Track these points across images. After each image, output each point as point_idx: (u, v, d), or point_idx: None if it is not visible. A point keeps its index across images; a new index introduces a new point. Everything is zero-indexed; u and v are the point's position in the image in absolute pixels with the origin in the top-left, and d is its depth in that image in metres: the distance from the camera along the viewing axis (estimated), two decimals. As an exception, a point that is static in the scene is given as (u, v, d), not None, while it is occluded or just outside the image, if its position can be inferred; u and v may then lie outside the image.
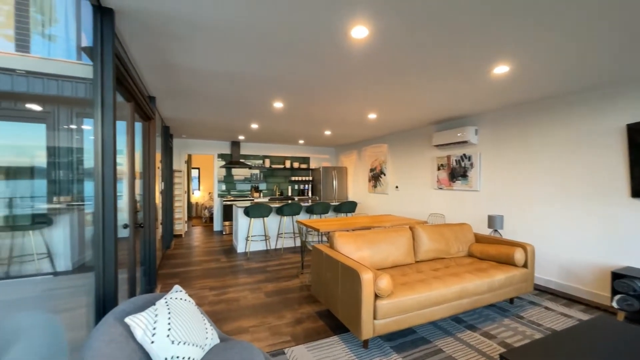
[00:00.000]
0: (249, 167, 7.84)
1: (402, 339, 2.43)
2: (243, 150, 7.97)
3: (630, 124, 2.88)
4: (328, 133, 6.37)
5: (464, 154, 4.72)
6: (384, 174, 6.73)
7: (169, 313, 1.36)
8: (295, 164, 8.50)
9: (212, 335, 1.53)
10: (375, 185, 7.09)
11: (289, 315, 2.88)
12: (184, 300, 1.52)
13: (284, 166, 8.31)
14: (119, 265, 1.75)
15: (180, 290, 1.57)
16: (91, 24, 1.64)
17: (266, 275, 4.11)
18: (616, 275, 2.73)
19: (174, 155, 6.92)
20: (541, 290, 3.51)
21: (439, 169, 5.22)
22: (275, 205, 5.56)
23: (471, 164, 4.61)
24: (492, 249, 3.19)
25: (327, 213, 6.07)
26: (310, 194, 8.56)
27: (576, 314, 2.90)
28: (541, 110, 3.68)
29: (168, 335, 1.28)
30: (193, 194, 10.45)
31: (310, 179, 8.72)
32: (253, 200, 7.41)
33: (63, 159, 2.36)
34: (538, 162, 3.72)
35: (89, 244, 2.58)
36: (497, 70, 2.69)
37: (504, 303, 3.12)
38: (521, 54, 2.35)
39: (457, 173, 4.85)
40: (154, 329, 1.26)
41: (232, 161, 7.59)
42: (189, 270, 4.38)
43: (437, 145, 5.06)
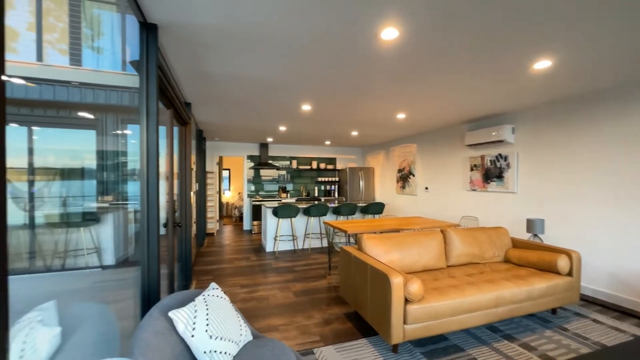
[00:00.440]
0: (277, 168, 8.01)
1: (434, 346, 2.36)
2: (271, 152, 8.15)
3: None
4: (355, 134, 6.34)
5: (500, 154, 4.49)
6: (413, 175, 6.57)
7: (207, 309, 1.44)
8: (322, 165, 8.54)
9: (246, 332, 1.58)
10: (403, 186, 6.94)
11: (317, 315, 2.90)
12: (220, 297, 1.59)
13: (311, 167, 8.38)
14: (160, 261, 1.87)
15: (216, 288, 1.65)
16: (137, 38, 1.76)
17: (294, 274, 4.17)
18: (678, 288, 2.47)
19: (207, 157, 7.24)
20: (588, 301, 3.25)
21: (471, 169, 5.00)
22: (302, 205, 5.62)
23: (507, 164, 4.37)
24: (532, 255, 3.01)
25: (354, 214, 6.04)
26: (336, 195, 8.56)
27: (630, 328, 2.65)
28: (592, 103, 3.36)
29: (206, 330, 1.35)
30: (224, 194, 10.86)
31: (337, 179, 8.72)
32: (280, 200, 7.55)
33: (109, 161, 2.57)
34: (587, 162, 3.41)
35: (130, 240, 2.79)
36: (538, 65, 2.53)
37: (545, 313, 2.93)
38: (570, 44, 2.19)
39: (492, 174, 4.62)
40: (194, 323, 1.33)
41: (261, 162, 7.79)
42: (221, 267, 4.56)
43: (470, 145, 4.86)
